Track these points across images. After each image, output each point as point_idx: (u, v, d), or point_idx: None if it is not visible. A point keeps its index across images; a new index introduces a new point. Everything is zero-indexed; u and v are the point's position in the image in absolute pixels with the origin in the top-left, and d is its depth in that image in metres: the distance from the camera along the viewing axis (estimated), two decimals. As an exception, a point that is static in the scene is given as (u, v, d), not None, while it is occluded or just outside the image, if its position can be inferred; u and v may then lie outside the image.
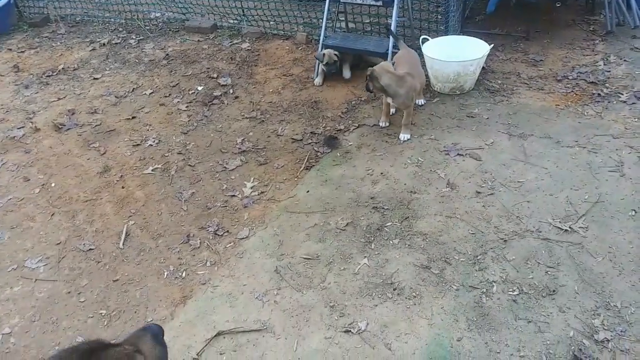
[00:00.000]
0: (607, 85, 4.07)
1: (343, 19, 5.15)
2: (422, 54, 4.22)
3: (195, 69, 5.06)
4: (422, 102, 4.12)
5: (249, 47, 5.38)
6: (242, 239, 3.09)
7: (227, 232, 3.17)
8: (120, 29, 6.20)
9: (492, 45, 4.16)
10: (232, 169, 3.69)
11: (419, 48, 4.27)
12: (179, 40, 5.75)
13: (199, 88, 4.73)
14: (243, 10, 5.79)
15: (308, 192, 3.40)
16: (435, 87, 4.30)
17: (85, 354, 1.10)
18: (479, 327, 2.43)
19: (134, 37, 5.93)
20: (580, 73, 4.27)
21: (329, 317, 2.55)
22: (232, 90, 4.65)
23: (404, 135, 3.75)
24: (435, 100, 4.19)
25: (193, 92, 4.69)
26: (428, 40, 4.32)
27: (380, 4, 4.50)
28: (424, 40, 4.31)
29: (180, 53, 5.42)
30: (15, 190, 3.67)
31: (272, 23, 5.62)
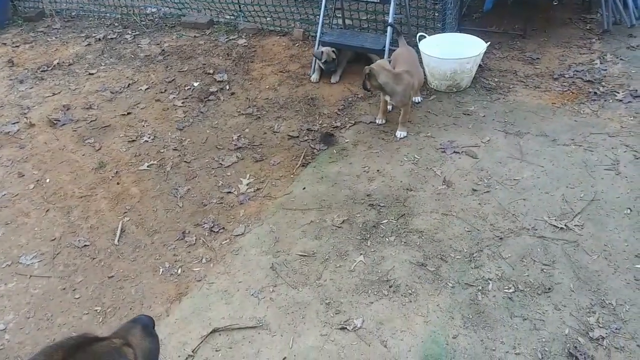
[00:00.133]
0: (603, 84, 4.08)
1: (340, 16, 5.13)
2: (419, 51, 4.22)
3: (192, 65, 5.04)
4: (418, 99, 4.12)
5: (246, 43, 5.36)
6: (237, 236, 3.09)
7: (222, 228, 3.16)
8: (116, 24, 6.16)
9: (488, 43, 4.16)
10: (228, 166, 3.68)
11: (416, 45, 4.27)
12: (175, 36, 5.72)
13: (195, 84, 4.71)
14: (240, 6, 5.77)
15: (304, 189, 3.39)
16: (432, 84, 4.30)
17: (72, 350, 1.07)
18: (475, 324, 2.43)
19: (130, 32, 5.90)
20: (577, 71, 4.28)
21: (325, 314, 2.55)
22: (228, 87, 4.63)
23: (401, 133, 3.75)
24: (432, 98, 4.19)
25: (189, 88, 4.67)
26: (425, 38, 4.32)
27: (377, 1, 4.49)
28: (421, 38, 4.31)
29: (177, 49, 5.40)
30: (10, 186, 3.65)
31: (268, 19, 5.60)
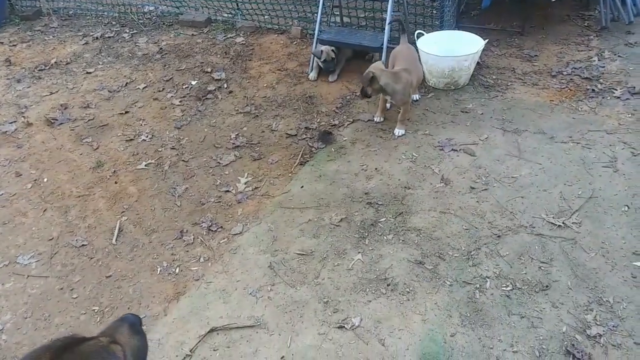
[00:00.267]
0: (601, 81, 4.08)
1: (338, 14, 5.12)
2: (417, 49, 4.21)
3: (189, 64, 5.03)
4: (416, 97, 4.12)
5: (244, 41, 5.35)
6: (235, 235, 3.08)
7: (220, 227, 3.15)
8: (114, 23, 6.15)
9: (486, 41, 4.15)
10: (225, 164, 3.67)
11: (414, 43, 4.26)
12: (173, 34, 5.71)
13: (193, 82, 4.70)
14: (237, 4, 5.75)
15: (302, 187, 3.39)
16: (430, 82, 4.29)
17: (59, 351, 1.07)
18: (473, 322, 2.43)
19: (128, 31, 5.88)
20: (575, 69, 4.28)
21: (323, 312, 2.55)
22: (226, 85, 4.62)
23: (399, 131, 3.75)
24: (430, 96, 4.18)
25: (187, 86, 4.66)
26: (423, 35, 4.31)
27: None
28: (419, 35, 4.30)
29: (174, 47, 5.39)
30: (7, 186, 3.64)
31: (266, 17, 5.58)
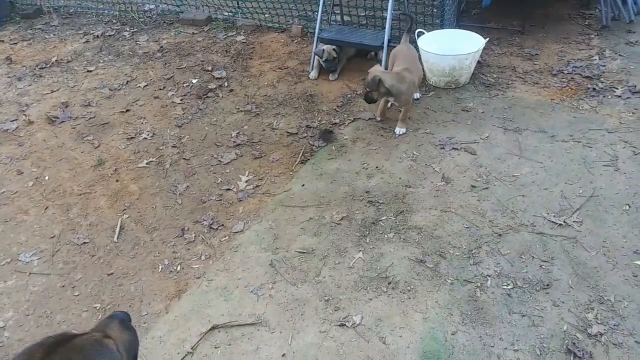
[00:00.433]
0: (602, 80, 4.08)
1: (338, 12, 5.12)
2: (417, 48, 4.21)
3: (190, 62, 5.03)
4: (417, 95, 4.12)
5: (244, 39, 5.35)
6: (237, 233, 3.09)
7: (222, 225, 3.16)
8: (114, 21, 6.15)
9: (487, 39, 4.15)
10: (227, 163, 3.68)
11: (415, 41, 4.26)
12: (174, 33, 5.71)
13: (194, 81, 4.70)
14: (238, 3, 5.75)
15: (303, 185, 3.39)
16: (431, 80, 4.29)
17: (52, 346, 1.09)
18: (473, 321, 2.44)
19: (128, 29, 5.88)
20: (576, 67, 4.28)
21: (324, 310, 2.56)
22: (226, 84, 4.62)
23: (400, 129, 3.75)
24: (431, 94, 4.19)
25: (187, 85, 4.66)
26: (424, 34, 4.31)
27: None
28: (420, 34, 4.30)
29: (175, 45, 5.39)
30: (9, 184, 3.64)
31: (267, 16, 5.58)
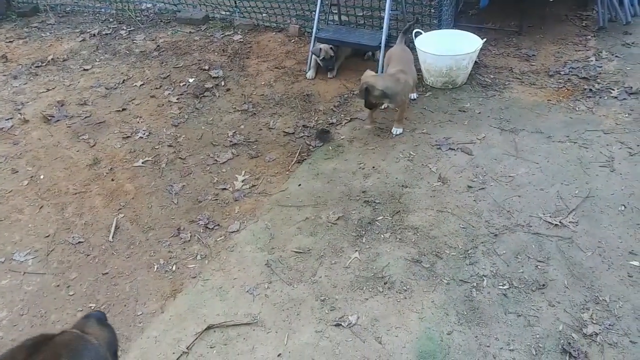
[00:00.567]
0: (598, 81, 4.09)
1: (336, 12, 5.12)
2: (415, 48, 4.21)
3: (187, 61, 5.02)
4: (414, 96, 4.12)
5: (241, 39, 5.34)
6: (233, 233, 3.08)
7: (217, 225, 3.15)
8: (111, 20, 6.13)
9: (484, 40, 4.16)
10: (223, 162, 3.67)
11: (412, 42, 4.26)
12: (170, 32, 5.69)
13: (190, 80, 4.69)
14: (235, 2, 5.74)
15: (299, 185, 3.39)
16: (428, 81, 4.29)
17: (33, 347, 1.10)
18: (469, 321, 2.44)
19: (125, 27, 5.86)
20: (572, 68, 4.29)
21: (320, 310, 2.55)
22: (223, 83, 4.61)
23: (397, 130, 3.75)
24: (428, 95, 4.19)
25: (184, 84, 4.65)
26: (421, 34, 4.31)
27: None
28: (417, 34, 4.30)
29: (172, 44, 5.37)
30: (4, 183, 3.62)
31: (264, 15, 5.57)
